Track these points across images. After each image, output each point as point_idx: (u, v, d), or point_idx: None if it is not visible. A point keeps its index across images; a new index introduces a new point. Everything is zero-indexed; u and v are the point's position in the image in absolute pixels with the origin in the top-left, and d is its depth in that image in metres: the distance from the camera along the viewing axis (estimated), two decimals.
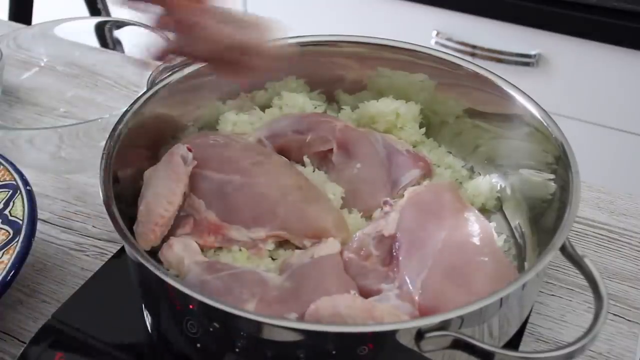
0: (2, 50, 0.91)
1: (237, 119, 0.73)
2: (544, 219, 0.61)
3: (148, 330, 0.61)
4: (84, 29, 1.31)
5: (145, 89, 0.67)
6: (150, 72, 0.70)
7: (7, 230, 0.65)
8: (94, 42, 1.21)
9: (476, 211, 0.61)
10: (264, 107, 0.75)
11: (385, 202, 0.63)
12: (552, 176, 0.61)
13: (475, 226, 0.59)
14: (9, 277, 0.60)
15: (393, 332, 0.47)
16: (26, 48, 0.97)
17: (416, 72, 0.72)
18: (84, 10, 1.34)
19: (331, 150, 0.69)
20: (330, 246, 0.59)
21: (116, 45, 1.39)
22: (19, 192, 0.67)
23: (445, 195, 0.62)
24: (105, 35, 1.36)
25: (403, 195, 0.63)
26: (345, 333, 0.48)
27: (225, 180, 0.62)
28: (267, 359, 0.50)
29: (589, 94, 1.25)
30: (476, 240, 0.58)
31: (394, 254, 0.59)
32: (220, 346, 0.52)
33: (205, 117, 0.73)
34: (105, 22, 1.27)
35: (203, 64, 0.68)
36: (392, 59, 0.73)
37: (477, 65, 0.69)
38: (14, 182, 0.69)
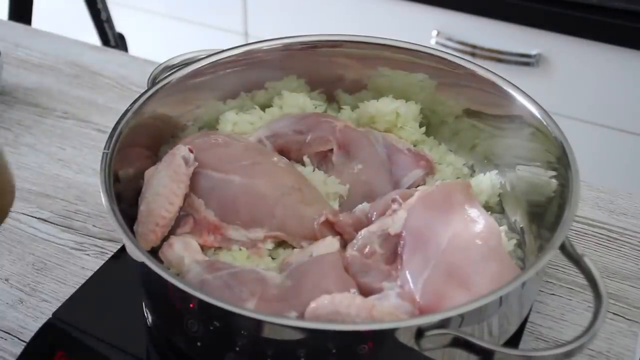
0: (2, 50, 0.91)
1: (237, 118, 0.73)
2: (544, 218, 0.61)
3: (148, 329, 0.61)
4: (84, 28, 1.31)
5: (145, 89, 0.67)
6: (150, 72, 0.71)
7: None
8: (94, 41, 1.21)
9: (486, 212, 0.61)
10: (264, 107, 0.75)
11: (394, 200, 0.62)
12: (552, 174, 0.61)
13: (483, 227, 0.59)
14: None
15: (393, 331, 0.47)
16: (26, 47, 0.97)
17: (416, 72, 0.73)
18: (84, 10, 1.34)
19: (331, 150, 0.69)
20: (329, 245, 0.59)
21: (119, 42, 1.39)
22: None
23: (456, 196, 0.61)
24: (107, 33, 1.36)
25: (412, 195, 0.63)
26: (345, 331, 0.48)
27: (224, 180, 0.62)
28: (267, 357, 0.50)
29: (589, 94, 1.25)
30: (482, 242, 0.57)
31: (399, 252, 0.59)
32: (220, 345, 0.52)
33: (205, 116, 0.73)
34: (105, 20, 1.27)
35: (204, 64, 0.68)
36: (392, 59, 0.73)
37: (477, 65, 0.69)
38: None
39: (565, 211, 0.54)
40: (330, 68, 0.75)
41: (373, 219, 0.62)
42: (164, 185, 0.60)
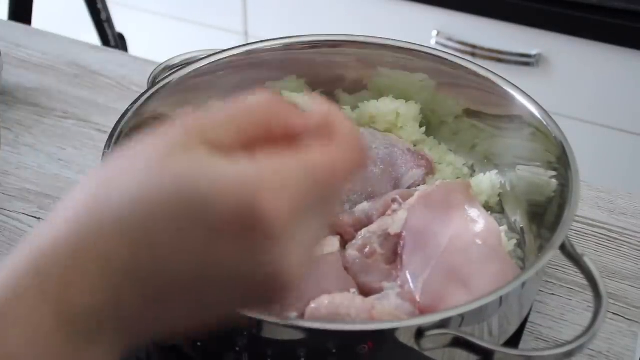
0: (2, 50, 0.91)
1: None
2: (544, 218, 0.61)
3: None
4: (84, 28, 1.31)
5: (145, 89, 0.67)
6: (150, 72, 0.71)
7: None
8: (94, 41, 1.21)
9: (486, 213, 0.61)
10: None
11: (394, 200, 0.62)
12: (552, 174, 0.62)
13: (483, 227, 0.58)
14: None
15: (393, 331, 0.47)
16: (26, 47, 0.97)
17: (416, 72, 0.72)
18: (84, 10, 1.34)
19: None
20: (329, 245, 0.59)
21: (119, 42, 1.38)
22: None
23: (456, 196, 0.61)
24: (107, 33, 1.36)
25: (412, 194, 0.63)
26: (345, 331, 0.48)
27: None
28: (267, 357, 0.50)
29: (589, 94, 1.26)
30: (482, 242, 0.57)
31: (399, 252, 0.59)
32: (220, 345, 0.52)
33: None
34: (105, 20, 1.27)
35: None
36: (392, 59, 0.73)
37: (477, 65, 0.69)
38: None
39: (565, 211, 0.54)
40: (330, 68, 0.75)
41: (373, 218, 0.62)
42: None
